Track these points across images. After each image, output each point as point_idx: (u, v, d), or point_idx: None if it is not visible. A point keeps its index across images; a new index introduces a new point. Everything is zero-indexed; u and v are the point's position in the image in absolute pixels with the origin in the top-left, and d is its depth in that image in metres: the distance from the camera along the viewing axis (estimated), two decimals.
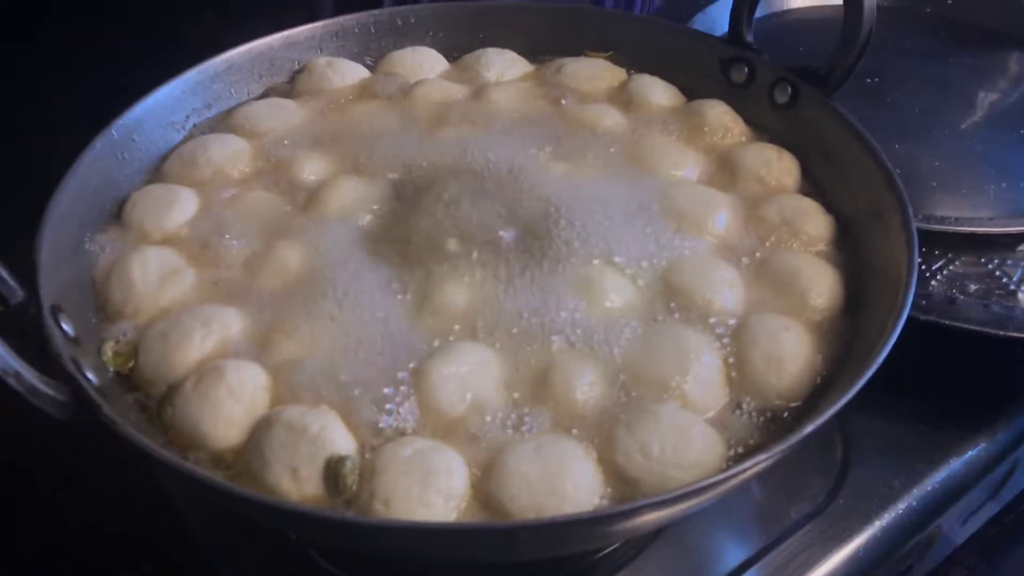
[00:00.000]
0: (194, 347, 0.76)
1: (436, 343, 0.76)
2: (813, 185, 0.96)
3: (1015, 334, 0.97)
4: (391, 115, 1.03)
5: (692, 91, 1.08)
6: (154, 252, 0.85)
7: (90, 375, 0.70)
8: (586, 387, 0.74)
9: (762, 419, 0.75)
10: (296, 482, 0.68)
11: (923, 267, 1.08)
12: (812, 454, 1.01)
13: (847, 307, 0.83)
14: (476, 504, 0.67)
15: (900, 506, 0.97)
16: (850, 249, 0.88)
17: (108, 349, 0.78)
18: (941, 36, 1.50)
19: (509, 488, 0.66)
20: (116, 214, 0.91)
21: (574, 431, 0.72)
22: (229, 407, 0.71)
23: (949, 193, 1.18)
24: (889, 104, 1.34)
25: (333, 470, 0.68)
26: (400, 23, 1.14)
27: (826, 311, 0.82)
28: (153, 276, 0.82)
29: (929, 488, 0.99)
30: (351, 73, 1.10)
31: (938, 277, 1.07)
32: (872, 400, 1.04)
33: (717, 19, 1.34)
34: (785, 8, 1.54)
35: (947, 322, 0.98)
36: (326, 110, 1.06)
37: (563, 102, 1.05)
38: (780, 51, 1.16)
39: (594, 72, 1.10)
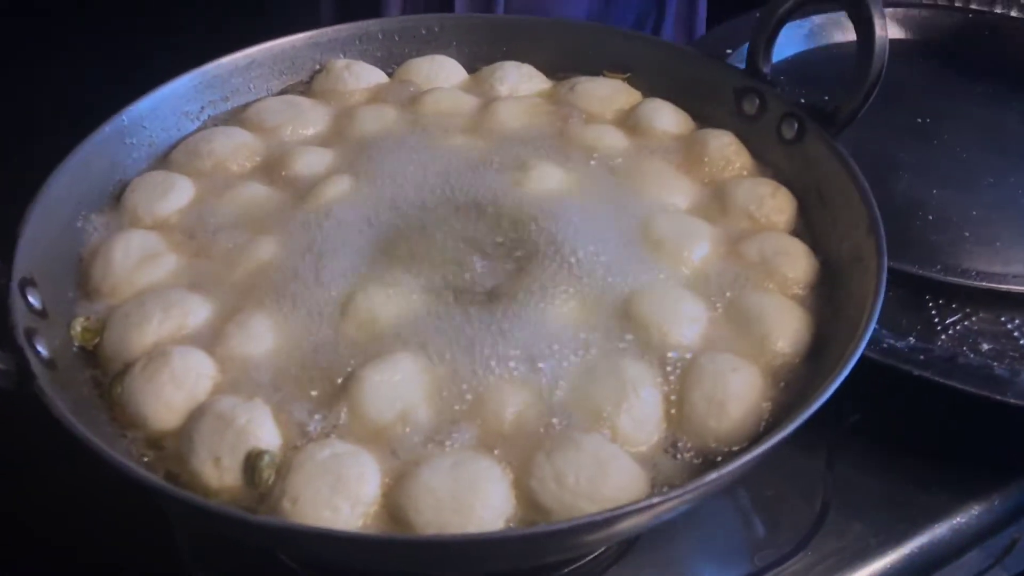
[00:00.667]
0: (151, 330, 0.79)
1: (376, 351, 0.77)
2: (807, 225, 0.93)
3: (1013, 400, 0.91)
4: (396, 120, 1.04)
5: (705, 119, 1.06)
6: (139, 235, 0.88)
7: (42, 348, 0.73)
8: (517, 408, 0.73)
9: (696, 461, 0.73)
10: (218, 470, 0.70)
11: (935, 320, 1.03)
12: (788, 500, 0.97)
13: (811, 355, 0.80)
14: (384, 514, 0.68)
15: (873, 566, 0.93)
16: (827, 295, 0.85)
17: (77, 324, 0.81)
18: (1005, 79, 1.43)
19: (417, 501, 0.67)
20: (118, 197, 0.94)
21: (496, 451, 0.71)
22: (170, 392, 0.74)
23: (981, 245, 1.12)
24: (936, 147, 1.29)
25: (252, 463, 0.69)
26: (424, 32, 1.15)
27: (786, 356, 0.79)
28: (133, 258, 0.86)
29: (907, 552, 0.94)
30: (368, 77, 1.11)
31: (949, 332, 1.02)
32: (865, 453, 1.03)
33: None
34: (841, 41, 1.48)
35: (941, 380, 0.93)
36: (337, 111, 1.07)
37: (569, 121, 1.04)
38: (822, 85, 1.14)
39: (608, 93, 1.08)
